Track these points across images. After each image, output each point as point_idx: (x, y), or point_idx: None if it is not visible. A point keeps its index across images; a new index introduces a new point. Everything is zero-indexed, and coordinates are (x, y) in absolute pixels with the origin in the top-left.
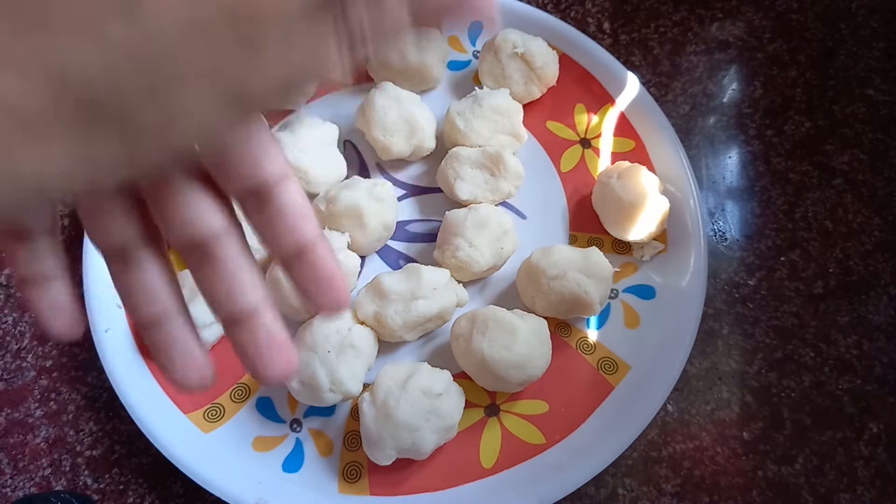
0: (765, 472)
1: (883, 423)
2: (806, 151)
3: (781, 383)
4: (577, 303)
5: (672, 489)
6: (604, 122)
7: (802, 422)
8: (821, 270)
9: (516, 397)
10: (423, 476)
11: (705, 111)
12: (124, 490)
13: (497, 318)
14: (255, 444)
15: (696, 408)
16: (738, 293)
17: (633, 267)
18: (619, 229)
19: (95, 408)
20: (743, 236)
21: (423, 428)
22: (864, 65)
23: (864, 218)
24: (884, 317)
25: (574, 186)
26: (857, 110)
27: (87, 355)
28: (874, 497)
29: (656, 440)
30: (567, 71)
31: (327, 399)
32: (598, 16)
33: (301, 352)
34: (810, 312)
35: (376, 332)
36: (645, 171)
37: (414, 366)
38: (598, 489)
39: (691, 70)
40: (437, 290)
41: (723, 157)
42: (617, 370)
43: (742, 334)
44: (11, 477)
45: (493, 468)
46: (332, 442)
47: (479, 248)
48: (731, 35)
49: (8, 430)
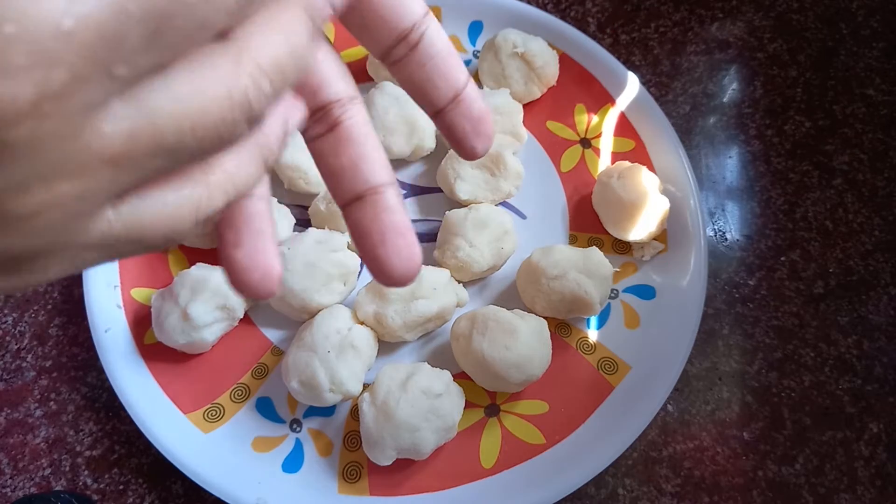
0: (765, 472)
1: (883, 423)
2: (806, 151)
3: (781, 383)
4: (577, 303)
5: (672, 489)
6: (604, 122)
7: (802, 422)
8: (821, 270)
9: (516, 397)
10: (423, 476)
11: (705, 111)
12: (124, 490)
13: (497, 318)
14: (254, 444)
15: (696, 408)
16: (738, 293)
17: (634, 267)
18: (620, 229)
19: (95, 408)
20: (743, 236)
21: (423, 428)
22: (864, 65)
23: (864, 218)
24: (884, 317)
25: (574, 186)
26: (857, 110)
27: (87, 355)
28: (874, 497)
29: (656, 440)
30: (567, 71)
31: (327, 399)
32: (598, 16)
33: (301, 352)
34: (810, 312)
35: (376, 332)
36: (645, 171)
37: (414, 366)
38: (598, 489)
39: (691, 70)
40: (437, 290)
41: (723, 157)
42: (617, 370)
43: (742, 334)
44: (11, 477)
45: (493, 468)
46: (331, 442)
47: (479, 248)
48: (732, 35)
49: (8, 430)
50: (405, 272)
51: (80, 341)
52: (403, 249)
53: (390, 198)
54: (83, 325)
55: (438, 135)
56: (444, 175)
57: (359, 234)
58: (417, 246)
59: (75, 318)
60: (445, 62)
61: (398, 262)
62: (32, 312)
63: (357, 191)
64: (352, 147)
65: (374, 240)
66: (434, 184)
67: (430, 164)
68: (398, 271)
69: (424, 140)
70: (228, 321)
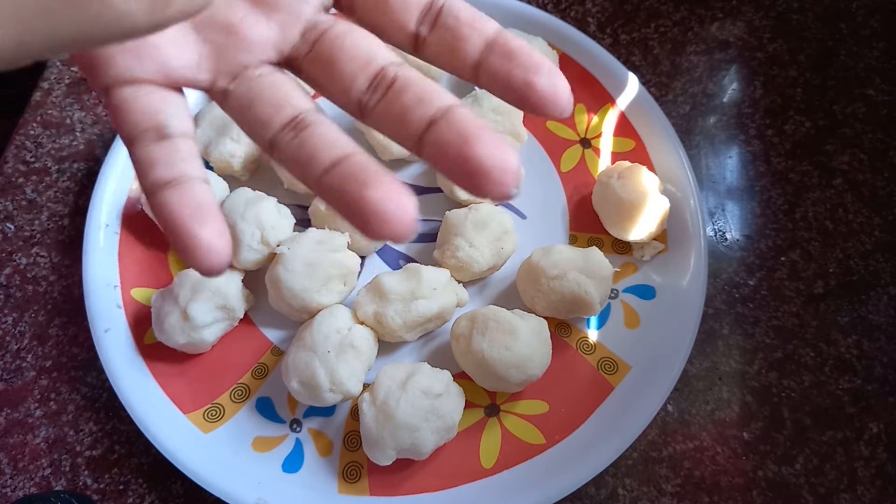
0: (765, 472)
1: (883, 423)
2: (806, 151)
3: (781, 383)
4: (577, 303)
5: (672, 489)
6: (604, 122)
7: (802, 422)
8: (821, 270)
9: (516, 397)
10: (423, 476)
11: (705, 111)
12: (124, 490)
13: (497, 318)
14: (254, 444)
15: (696, 408)
16: (738, 293)
17: (634, 267)
18: (620, 229)
19: (95, 408)
20: (743, 236)
21: (423, 428)
22: (864, 65)
23: (864, 218)
24: (884, 317)
25: (574, 186)
26: (857, 110)
27: (87, 355)
28: (874, 497)
29: (656, 440)
30: (567, 71)
31: (327, 399)
32: (598, 16)
33: (301, 352)
34: (810, 312)
35: (376, 332)
36: (645, 171)
37: (414, 366)
38: (598, 489)
39: (691, 70)
40: (437, 290)
41: (723, 157)
42: (617, 370)
43: (742, 334)
44: (11, 477)
45: (493, 468)
46: (331, 442)
47: (479, 247)
48: (732, 35)
49: (8, 430)
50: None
51: (80, 341)
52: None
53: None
54: (83, 325)
55: None
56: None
57: (339, 202)
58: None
59: (75, 318)
60: (471, 19)
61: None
62: (32, 312)
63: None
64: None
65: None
66: (434, 184)
67: None
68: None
69: None
70: (228, 321)
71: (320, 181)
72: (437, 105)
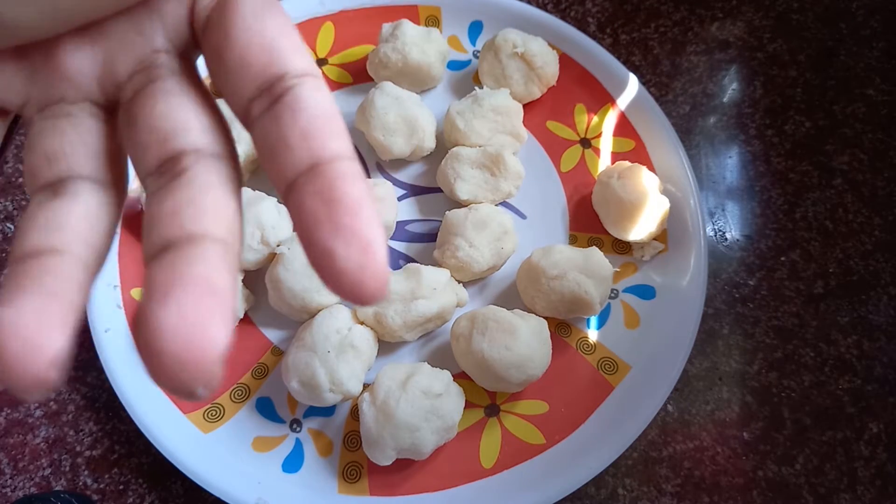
0: (765, 472)
1: (883, 423)
2: (806, 151)
3: (781, 383)
4: (577, 303)
5: (672, 489)
6: (604, 122)
7: (802, 422)
8: (821, 270)
9: (516, 397)
10: (423, 476)
11: (705, 111)
12: (124, 490)
13: (497, 318)
14: (254, 444)
15: (696, 408)
16: (738, 293)
17: (634, 267)
18: (620, 229)
19: (95, 408)
20: (743, 236)
21: (423, 428)
22: (864, 65)
23: (864, 218)
24: (884, 317)
25: (574, 186)
26: (857, 110)
27: (87, 355)
28: (874, 497)
29: (656, 440)
30: (567, 71)
31: (327, 399)
32: (598, 16)
33: (301, 352)
34: (810, 312)
35: (376, 331)
36: (645, 171)
37: (414, 366)
38: (598, 489)
39: (691, 70)
40: (437, 289)
41: (723, 157)
42: (617, 370)
43: (742, 334)
44: (11, 477)
45: (493, 468)
46: (331, 442)
47: (479, 248)
48: (732, 35)
49: (8, 430)
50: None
51: (80, 341)
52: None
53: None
54: (83, 325)
55: (439, 134)
56: (444, 175)
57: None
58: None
59: None
60: (311, 123)
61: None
62: None
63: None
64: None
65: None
66: (434, 184)
67: (430, 164)
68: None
69: (424, 140)
70: None
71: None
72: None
